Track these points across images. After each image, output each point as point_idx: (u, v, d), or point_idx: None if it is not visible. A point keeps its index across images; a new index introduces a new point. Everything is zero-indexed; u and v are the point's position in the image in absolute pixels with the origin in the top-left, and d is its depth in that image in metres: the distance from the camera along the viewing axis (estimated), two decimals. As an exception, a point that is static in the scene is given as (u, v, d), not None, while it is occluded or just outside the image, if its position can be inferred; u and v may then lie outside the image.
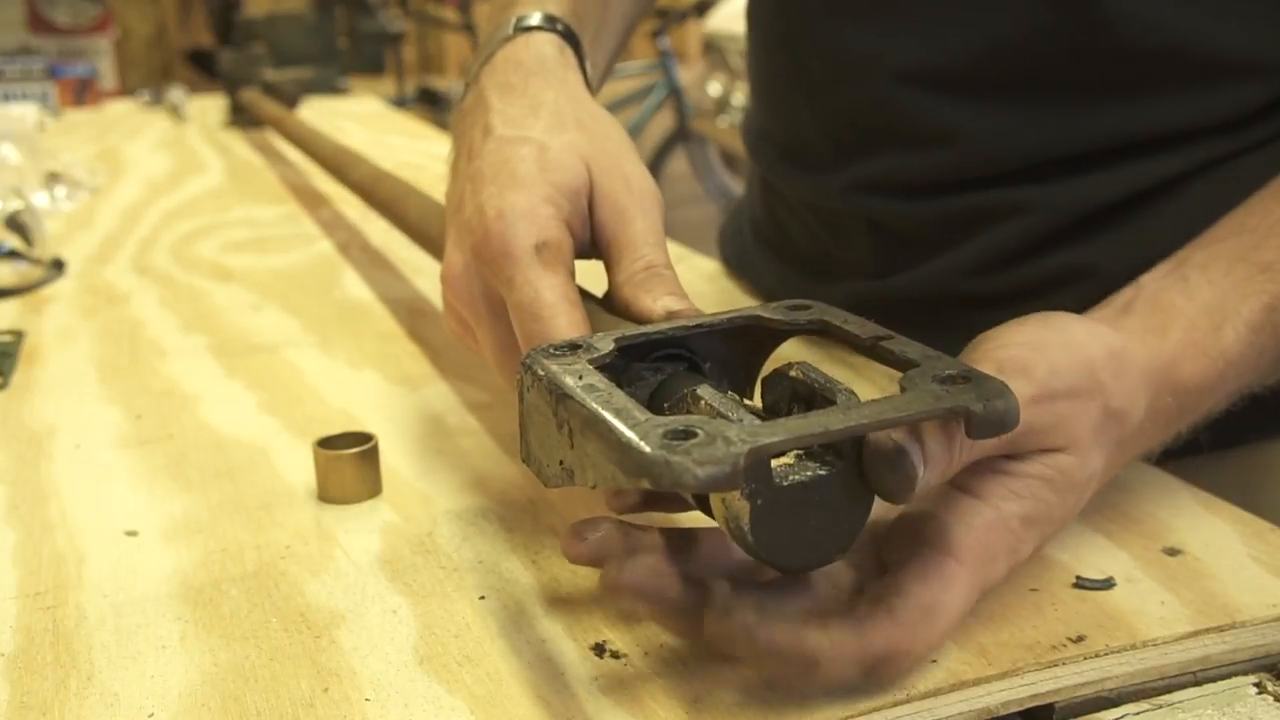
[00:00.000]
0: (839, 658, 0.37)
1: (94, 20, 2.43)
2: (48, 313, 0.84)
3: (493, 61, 0.57)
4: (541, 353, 0.41)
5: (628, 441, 0.34)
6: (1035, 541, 0.43)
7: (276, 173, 1.40)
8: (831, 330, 0.43)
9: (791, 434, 0.34)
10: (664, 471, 0.32)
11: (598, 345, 0.41)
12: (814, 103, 0.73)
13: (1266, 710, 0.40)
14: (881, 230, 0.71)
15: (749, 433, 0.33)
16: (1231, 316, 0.49)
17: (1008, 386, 0.37)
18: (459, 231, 0.51)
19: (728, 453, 0.32)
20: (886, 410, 0.36)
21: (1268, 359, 0.50)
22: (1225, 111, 0.62)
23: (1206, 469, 0.58)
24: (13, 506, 0.54)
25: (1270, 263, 0.50)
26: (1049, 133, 0.63)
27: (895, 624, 0.38)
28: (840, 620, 0.38)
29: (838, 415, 0.35)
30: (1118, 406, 0.45)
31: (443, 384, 0.68)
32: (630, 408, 0.35)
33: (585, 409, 0.36)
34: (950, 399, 0.36)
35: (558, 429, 0.38)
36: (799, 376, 0.40)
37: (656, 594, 0.38)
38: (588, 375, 0.38)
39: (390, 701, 0.39)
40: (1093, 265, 0.62)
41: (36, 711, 0.39)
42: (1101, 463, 0.45)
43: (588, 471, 0.37)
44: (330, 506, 0.53)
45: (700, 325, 0.44)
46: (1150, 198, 0.63)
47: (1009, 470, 0.42)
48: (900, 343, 0.40)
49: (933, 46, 0.65)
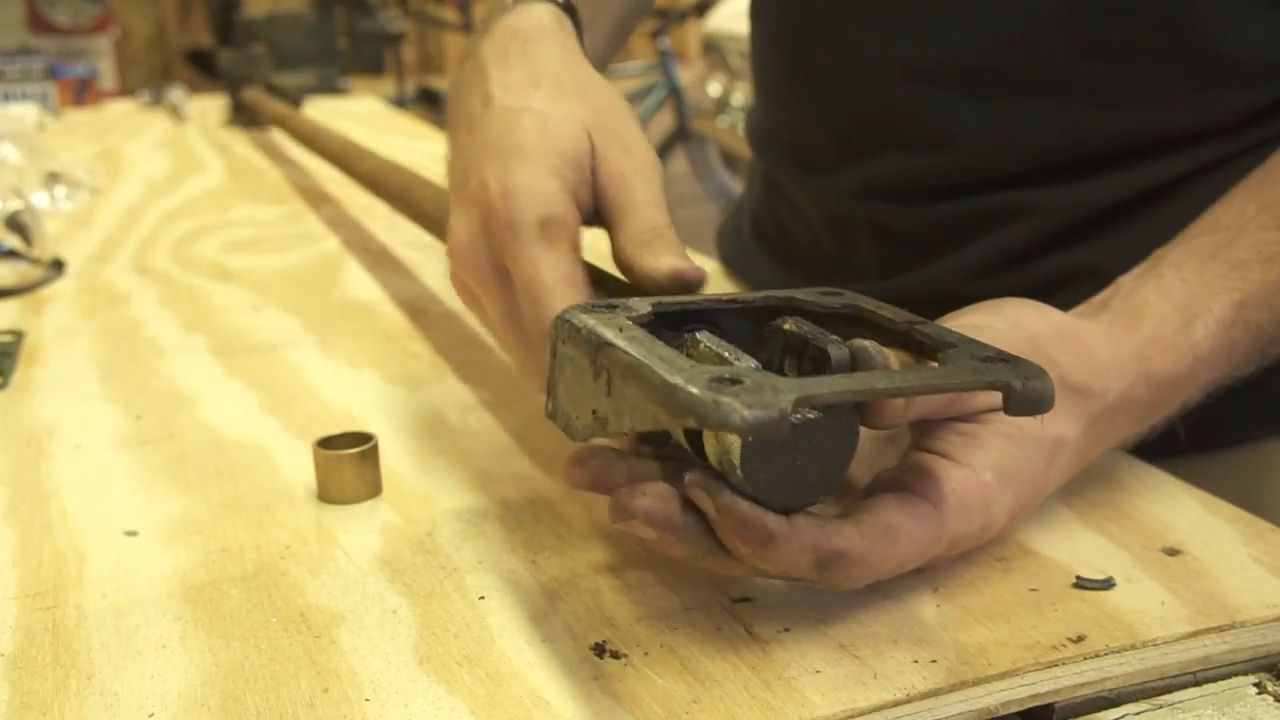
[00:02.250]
0: (795, 541, 0.39)
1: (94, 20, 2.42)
2: (48, 313, 0.84)
3: (491, 31, 0.56)
4: (579, 308, 0.42)
5: (675, 383, 0.34)
6: (1009, 504, 0.44)
7: (276, 172, 1.40)
8: (865, 316, 0.43)
9: (837, 388, 0.35)
10: (711, 411, 0.33)
11: (635, 306, 0.42)
12: (818, 99, 0.73)
13: (1266, 710, 0.40)
14: (885, 233, 0.71)
15: (796, 383, 0.34)
16: (1202, 313, 0.50)
17: (1044, 370, 0.38)
18: (465, 205, 0.51)
19: (775, 398, 0.33)
20: (931, 378, 0.37)
21: (1239, 354, 0.51)
22: (1230, 113, 0.62)
23: (1206, 469, 0.58)
24: (13, 506, 0.54)
25: (1242, 260, 0.51)
26: (1053, 134, 0.63)
27: (858, 531, 0.40)
28: (807, 514, 0.40)
29: (882, 377, 0.36)
30: (1078, 381, 0.46)
31: (443, 384, 0.68)
32: (675, 356, 0.36)
33: (628, 355, 0.37)
34: (991, 374, 0.37)
35: (594, 378, 0.39)
36: (793, 329, 0.41)
37: (665, 520, 0.39)
38: (628, 329, 0.39)
39: (390, 701, 0.39)
40: (1097, 266, 0.62)
41: (36, 711, 0.39)
42: (1072, 433, 0.46)
43: (625, 417, 0.37)
44: (330, 506, 0.53)
45: (735, 301, 0.44)
46: (1154, 198, 0.63)
47: (972, 432, 0.44)
48: (935, 327, 0.41)
49: (940, 43, 0.65)
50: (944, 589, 0.45)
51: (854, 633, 0.42)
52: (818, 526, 0.39)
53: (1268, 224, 0.52)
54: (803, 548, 0.39)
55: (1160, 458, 0.55)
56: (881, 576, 0.41)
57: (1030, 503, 0.46)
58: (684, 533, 0.40)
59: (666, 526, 0.39)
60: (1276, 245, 0.52)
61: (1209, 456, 0.62)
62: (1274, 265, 0.51)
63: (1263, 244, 0.52)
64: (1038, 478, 0.45)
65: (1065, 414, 0.46)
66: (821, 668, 0.40)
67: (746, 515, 0.38)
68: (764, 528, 0.38)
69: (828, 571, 0.40)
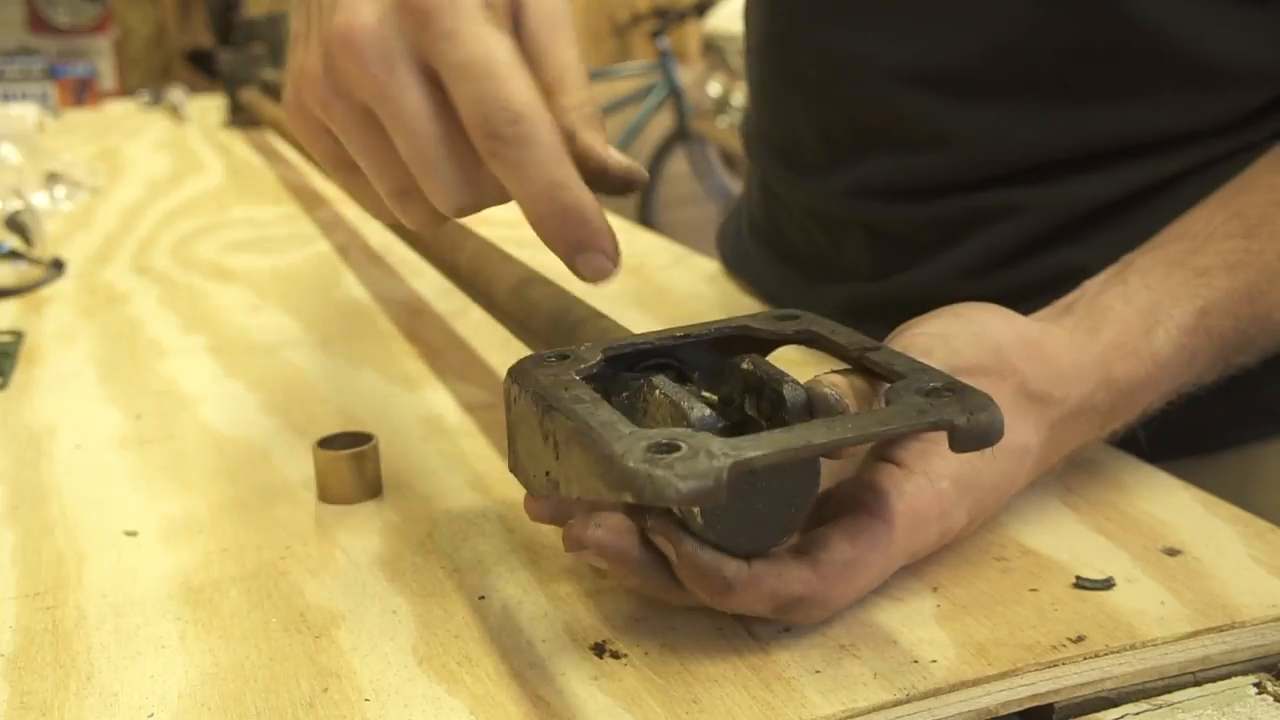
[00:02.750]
0: (752, 588, 0.39)
1: (94, 20, 2.43)
2: (48, 313, 0.84)
3: None
4: (530, 361, 0.41)
5: (610, 455, 0.34)
6: (969, 510, 0.44)
7: (276, 173, 1.40)
8: (819, 341, 0.43)
9: (775, 448, 0.34)
10: (646, 485, 0.32)
11: (585, 355, 0.42)
12: (809, 103, 0.73)
13: (1266, 710, 0.40)
14: (877, 233, 0.71)
15: (732, 446, 0.33)
16: (1165, 320, 0.50)
17: (991, 399, 0.37)
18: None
19: (710, 466, 0.32)
20: (870, 424, 0.36)
21: (1201, 361, 0.51)
22: (1221, 115, 0.62)
23: (1206, 469, 0.58)
24: (13, 506, 0.54)
25: (1207, 268, 0.51)
26: (1044, 135, 0.64)
27: (815, 573, 0.40)
28: (765, 559, 0.40)
29: (821, 429, 0.35)
30: (1040, 390, 0.46)
31: (442, 384, 0.68)
32: (615, 421, 0.36)
33: (571, 421, 0.37)
34: (934, 412, 0.36)
35: (544, 440, 0.39)
36: (749, 369, 0.41)
37: (618, 552, 0.39)
38: (574, 387, 0.39)
39: (390, 701, 0.39)
40: (1088, 265, 0.62)
41: (36, 711, 0.39)
42: (1034, 440, 0.46)
43: (572, 484, 0.37)
44: (330, 506, 0.53)
45: (688, 335, 0.44)
46: (1144, 198, 0.63)
47: (930, 438, 0.44)
48: (887, 354, 0.41)
49: (928, 47, 0.65)
50: (944, 589, 0.45)
51: (854, 633, 0.42)
52: (776, 573, 0.39)
53: (1234, 232, 0.53)
54: (759, 596, 0.39)
55: (1160, 458, 0.55)
56: (841, 608, 0.42)
57: (992, 508, 0.46)
58: (638, 567, 0.40)
59: (619, 559, 0.40)
60: (1242, 253, 0.52)
61: (1205, 458, 0.62)
62: (1238, 273, 0.51)
63: (1228, 252, 0.52)
64: (1001, 484, 0.45)
65: (1028, 422, 0.46)
66: (821, 668, 0.40)
67: (707, 565, 0.39)
68: (722, 578, 0.39)
69: (786, 613, 0.40)
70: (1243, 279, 0.51)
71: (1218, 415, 0.54)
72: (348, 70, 0.39)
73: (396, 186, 0.41)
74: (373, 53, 0.38)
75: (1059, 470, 0.52)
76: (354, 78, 0.39)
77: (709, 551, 0.39)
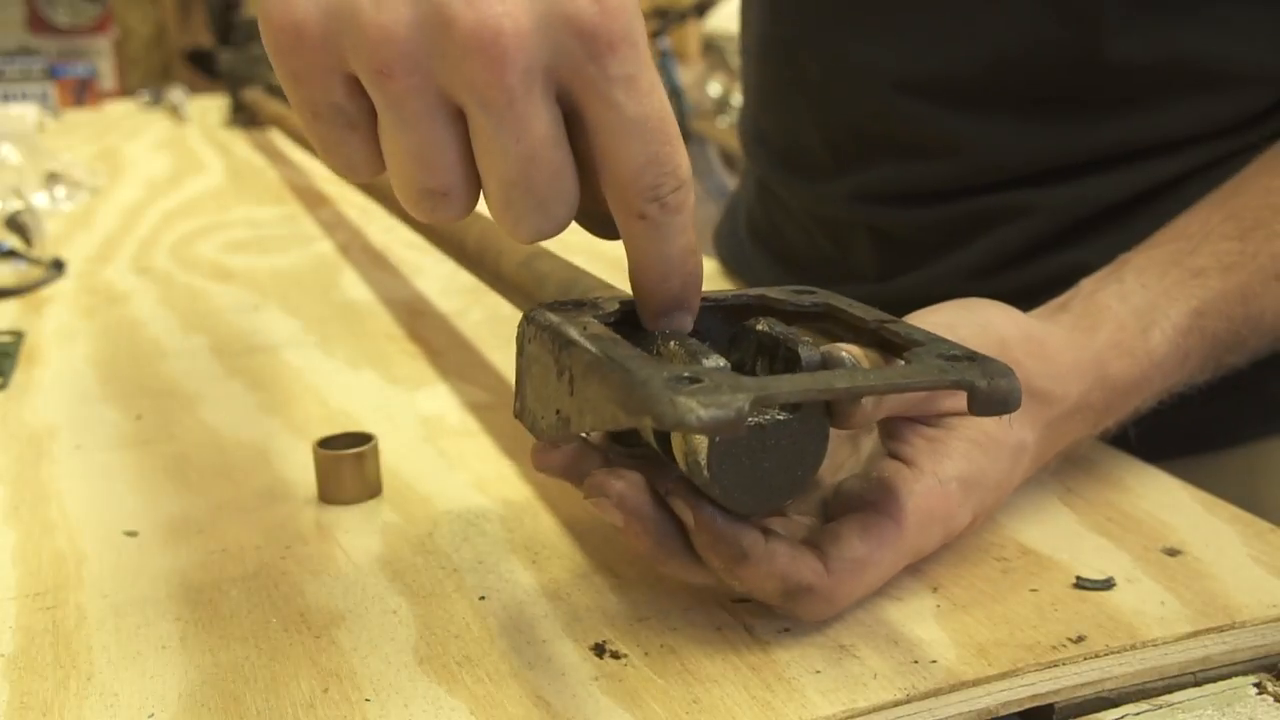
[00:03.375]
0: (765, 563, 0.39)
1: (94, 20, 2.43)
2: (48, 313, 0.84)
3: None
4: (546, 307, 0.41)
5: (633, 381, 0.34)
6: (973, 508, 0.45)
7: (277, 173, 1.40)
8: (836, 314, 0.43)
9: (798, 387, 0.34)
10: (667, 410, 0.32)
11: (603, 305, 0.42)
12: (814, 110, 0.73)
13: (1266, 710, 0.40)
14: (882, 236, 0.71)
15: (755, 382, 0.34)
16: (1160, 319, 0.50)
17: (1010, 369, 0.37)
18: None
19: (733, 397, 0.32)
20: (895, 376, 0.36)
21: (1194, 361, 0.52)
22: (1225, 117, 0.62)
23: (1206, 469, 0.58)
24: (13, 506, 0.54)
25: (1202, 268, 0.52)
26: (1050, 143, 0.64)
27: (826, 569, 0.40)
28: (782, 539, 0.40)
29: (844, 375, 0.36)
30: (1040, 387, 0.46)
31: (442, 384, 0.68)
32: (635, 355, 0.36)
33: (590, 353, 0.37)
34: (957, 373, 0.37)
35: (558, 376, 0.39)
36: (765, 329, 0.41)
37: (636, 507, 0.39)
38: (592, 327, 0.39)
39: (390, 702, 0.39)
40: (1092, 266, 0.62)
41: (36, 711, 0.39)
42: (1032, 437, 0.46)
43: (585, 416, 0.37)
44: (330, 506, 0.53)
45: (706, 299, 0.44)
46: (1150, 199, 0.63)
47: (938, 438, 0.44)
48: (904, 325, 0.41)
49: (935, 57, 0.65)
50: (944, 589, 0.45)
51: (854, 633, 0.42)
52: (790, 556, 0.40)
53: (1229, 233, 0.53)
54: (772, 573, 0.39)
55: (1155, 456, 0.55)
56: (844, 608, 0.42)
57: (993, 506, 0.46)
58: (653, 527, 0.40)
59: (635, 514, 0.40)
60: (1236, 255, 0.52)
61: (1209, 456, 0.62)
62: (1232, 274, 0.52)
63: (1223, 253, 0.52)
64: (1002, 482, 0.46)
65: (1027, 418, 0.46)
66: (821, 668, 0.40)
67: (724, 531, 0.39)
68: (739, 546, 0.39)
69: (792, 602, 0.40)
70: (1236, 281, 0.52)
71: (1222, 413, 0.54)
72: (472, 67, 0.33)
73: (440, 187, 0.36)
74: (517, 64, 0.33)
75: (1058, 469, 0.52)
76: (475, 76, 0.33)
77: (728, 519, 0.39)
